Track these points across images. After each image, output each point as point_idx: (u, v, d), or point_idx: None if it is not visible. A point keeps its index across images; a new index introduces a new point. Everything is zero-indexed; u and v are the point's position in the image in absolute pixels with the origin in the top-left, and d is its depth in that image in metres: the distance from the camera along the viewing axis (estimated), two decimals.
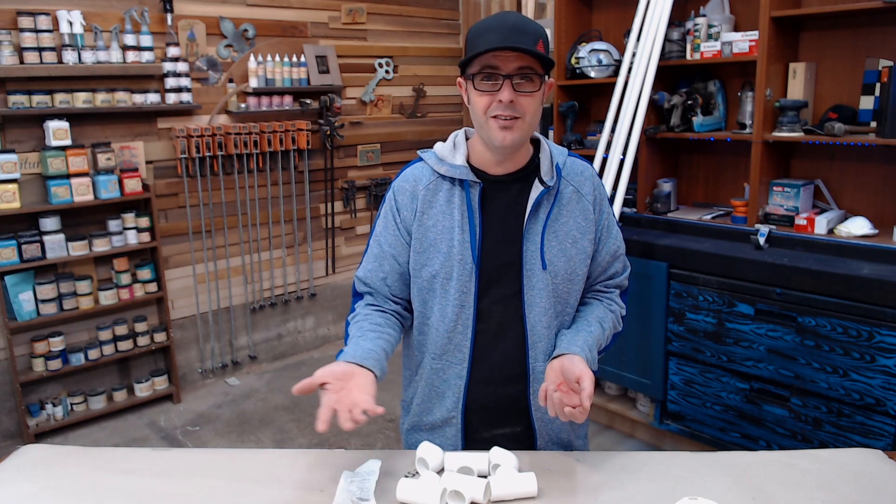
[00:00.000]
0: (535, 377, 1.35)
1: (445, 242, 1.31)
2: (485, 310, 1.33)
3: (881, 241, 2.44)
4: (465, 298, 1.32)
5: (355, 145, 4.41)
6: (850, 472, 1.24)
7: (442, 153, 1.35)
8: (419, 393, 1.42)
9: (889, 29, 2.52)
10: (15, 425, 3.29)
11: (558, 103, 3.37)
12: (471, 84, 1.25)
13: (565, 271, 1.33)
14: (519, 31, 1.20)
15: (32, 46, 3.02)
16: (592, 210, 1.36)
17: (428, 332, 1.37)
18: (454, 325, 1.33)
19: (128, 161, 3.44)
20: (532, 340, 1.33)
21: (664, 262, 2.79)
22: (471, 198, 1.31)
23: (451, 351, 1.35)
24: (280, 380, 3.96)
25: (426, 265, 1.33)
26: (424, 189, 1.34)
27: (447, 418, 1.38)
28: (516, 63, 1.21)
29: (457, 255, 1.30)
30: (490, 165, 1.33)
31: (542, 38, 1.24)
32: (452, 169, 1.32)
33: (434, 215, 1.33)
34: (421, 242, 1.33)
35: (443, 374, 1.37)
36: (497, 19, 1.24)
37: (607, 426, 3.28)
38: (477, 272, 1.30)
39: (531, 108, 1.24)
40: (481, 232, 1.31)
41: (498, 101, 1.22)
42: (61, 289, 3.23)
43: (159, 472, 1.28)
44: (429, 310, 1.36)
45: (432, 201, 1.33)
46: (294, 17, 4.01)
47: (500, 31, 1.20)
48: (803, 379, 2.45)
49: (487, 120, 1.24)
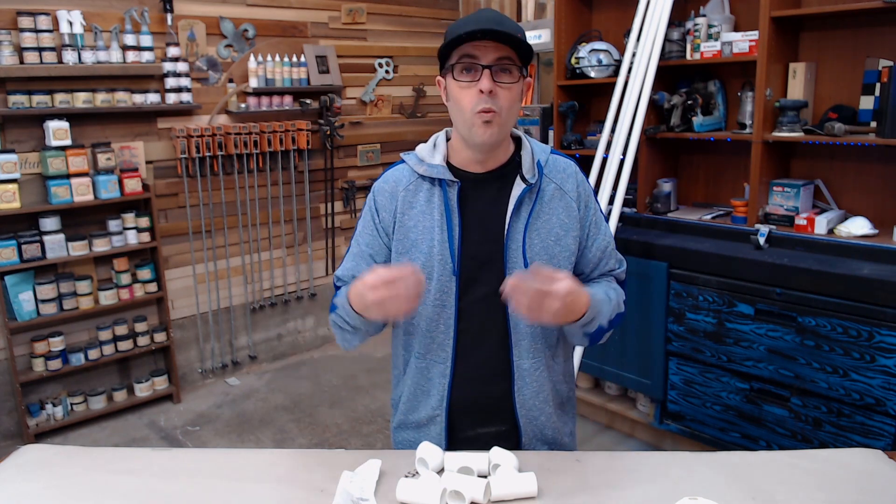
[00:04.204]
0: (519, 375, 1.35)
1: (426, 242, 1.32)
2: (466, 309, 1.33)
3: (881, 241, 2.44)
4: (445, 298, 1.32)
5: (355, 145, 4.41)
6: (850, 472, 1.24)
7: (422, 154, 1.36)
8: (406, 391, 1.42)
9: (889, 29, 2.52)
10: (15, 425, 3.29)
11: (558, 103, 3.37)
12: (450, 76, 1.26)
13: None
14: (497, 23, 1.21)
15: (32, 46, 3.02)
16: (577, 208, 1.36)
17: (412, 331, 1.38)
18: (436, 325, 1.34)
19: (128, 161, 3.44)
20: (515, 339, 1.33)
21: (664, 262, 2.79)
22: (448, 197, 1.31)
23: (435, 350, 1.35)
24: (280, 380, 3.96)
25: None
26: (404, 190, 1.34)
27: (432, 416, 1.38)
28: (495, 53, 1.21)
29: (437, 255, 1.30)
30: (470, 164, 1.33)
31: (520, 32, 1.24)
32: (430, 168, 1.32)
33: (414, 216, 1.33)
34: (402, 243, 1.34)
35: (427, 372, 1.37)
36: (475, 14, 1.25)
37: (607, 426, 3.28)
38: (457, 271, 1.31)
39: (509, 102, 1.24)
40: (460, 231, 1.31)
41: (479, 93, 1.22)
42: (61, 289, 3.23)
43: (159, 472, 1.28)
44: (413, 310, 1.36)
45: (412, 202, 1.34)
46: (294, 17, 4.02)
47: (478, 23, 1.21)
48: (803, 379, 2.45)
49: (473, 116, 1.24)
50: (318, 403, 3.64)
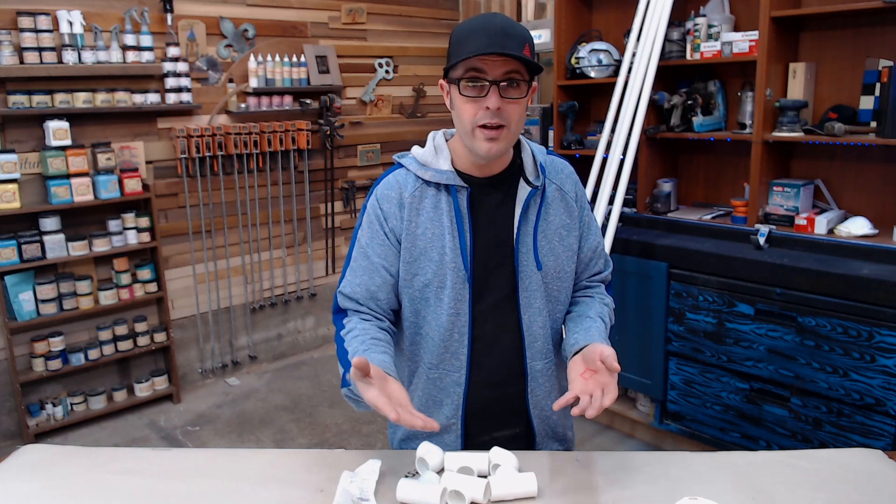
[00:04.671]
0: (532, 376, 1.35)
1: (437, 250, 1.28)
2: (480, 315, 1.31)
3: (881, 241, 2.44)
4: (459, 306, 1.30)
5: (355, 145, 4.41)
6: (850, 472, 1.24)
7: (424, 158, 1.32)
8: (415, 403, 1.36)
9: (889, 29, 2.52)
10: (15, 425, 3.29)
11: (558, 103, 3.37)
12: (455, 89, 1.22)
13: (556, 269, 1.33)
14: (506, 35, 1.16)
15: (32, 46, 3.02)
16: (576, 207, 1.36)
17: (421, 342, 1.35)
18: (450, 334, 1.31)
19: (128, 161, 3.44)
20: (528, 341, 1.33)
21: (664, 262, 2.79)
22: (459, 203, 1.28)
23: (448, 359, 1.33)
24: (280, 380, 3.96)
25: (417, 274, 1.30)
26: (410, 196, 1.30)
27: (447, 425, 1.36)
28: (503, 68, 1.17)
29: (449, 263, 1.28)
30: (474, 168, 1.31)
31: (528, 42, 1.20)
32: (438, 174, 1.29)
33: (422, 223, 1.29)
34: (410, 252, 1.29)
35: (440, 382, 1.35)
36: (483, 21, 1.19)
37: (607, 426, 3.28)
38: (470, 278, 1.29)
39: (516, 116, 1.22)
40: (472, 237, 1.29)
41: (485, 109, 1.18)
42: (61, 289, 3.23)
43: (159, 472, 1.27)
44: (422, 319, 1.33)
45: (419, 209, 1.29)
46: (294, 17, 4.01)
47: (486, 34, 1.16)
48: (803, 379, 2.45)
49: (474, 129, 1.21)
50: (318, 403, 3.64)
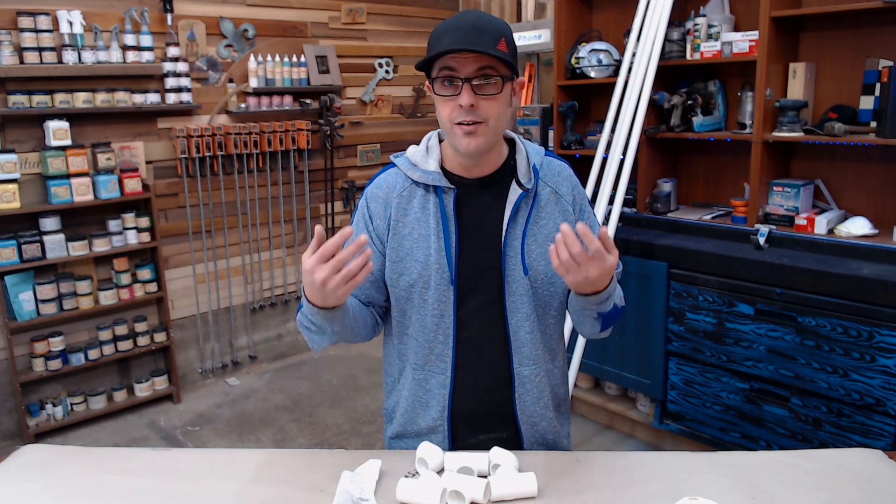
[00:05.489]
0: (520, 382, 1.33)
1: (422, 251, 1.28)
2: (465, 318, 1.30)
3: (881, 241, 2.44)
4: (443, 307, 1.29)
5: (355, 145, 4.41)
6: (850, 472, 1.24)
7: (415, 158, 1.31)
8: (402, 402, 1.39)
9: (889, 29, 2.51)
10: (15, 425, 3.29)
11: (558, 103, 3.37)
12: (432, 88, 1.23)
13: (545, 275, 1.30)
14: (478, 32, 1.15)
15: (32, 46, 3.02)
16: (572, 211, 1.34)
17: (407, 341, 1.34)
18: (434, 335, 1.30)
19: (128, 161, 3.44)
20: (515, 346, 1.31)
21: (664, 262, 2.79)
22: (445, 204, 1.27)
23: (433, 361, 1.32)
24: (280, 380, 3.96)
25: (403, 274, 1.30)
26: (398, 196, 1.30)
27: (433, 427, 1.36)
28: (475, 64, 1.16)
29: (434, 264, 1.27)
30: (464, 169, 1.30)
31: (504, 36, 1.18)
32: (425, 175, 1.28)
33: (409, 223, 1.29)
34: (397, 252, 1.30)
35: (426, 383, 1.34)
36: (457, 19, 1.19)
37: (607, 426, 3.28)
38: (455, 280, 1.28)
39: (494, 112, 1.20)
40: (457, 239, 1.28)
41: (459, 106, 1.17)
42: (61, 289, 3.23)
43: (159, 472, 1.28)
44: (407, 319, 1.33)
45: (406, 209, 1.30)
46: (294, 17, 4.02)
47: (457, 31, 1.16)
48: (803, 379, 2.45)
49: (452, 126, 1.21)
50: (318, 403, 3.64)
